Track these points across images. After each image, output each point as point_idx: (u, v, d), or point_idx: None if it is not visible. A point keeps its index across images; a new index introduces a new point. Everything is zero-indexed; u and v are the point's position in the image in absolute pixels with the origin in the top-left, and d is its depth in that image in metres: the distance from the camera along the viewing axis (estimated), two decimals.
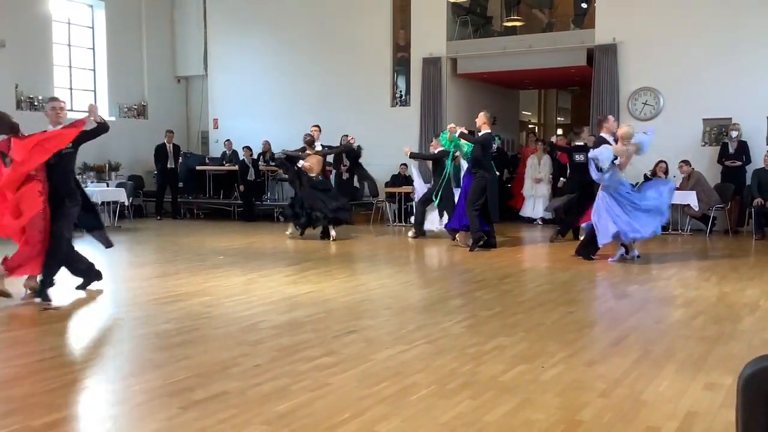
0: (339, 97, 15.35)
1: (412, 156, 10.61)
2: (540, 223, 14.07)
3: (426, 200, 11.63)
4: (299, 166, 11.40)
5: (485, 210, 9.95)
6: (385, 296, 7.03)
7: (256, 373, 4.19)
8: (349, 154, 12.77)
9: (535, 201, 14.23)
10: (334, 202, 11.26)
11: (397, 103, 15.26)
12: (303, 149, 11.58)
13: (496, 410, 3.58)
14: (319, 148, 11.71)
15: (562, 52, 13.95)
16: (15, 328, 5.42)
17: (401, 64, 15.19)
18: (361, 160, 12.78)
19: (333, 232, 11.30)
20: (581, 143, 10.98)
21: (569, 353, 4.66)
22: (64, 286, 7.49)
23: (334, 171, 14.26)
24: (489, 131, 10.09)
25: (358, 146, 12.25)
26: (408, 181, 14.23)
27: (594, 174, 8.68)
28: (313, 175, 11.38)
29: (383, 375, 4.17)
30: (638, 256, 9.07)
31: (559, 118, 22.63)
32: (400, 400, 3.74)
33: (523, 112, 20.05)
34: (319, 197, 11.18)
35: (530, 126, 20.71)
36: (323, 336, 5.13)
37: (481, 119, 10.17)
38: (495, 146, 10.51)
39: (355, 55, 15.24)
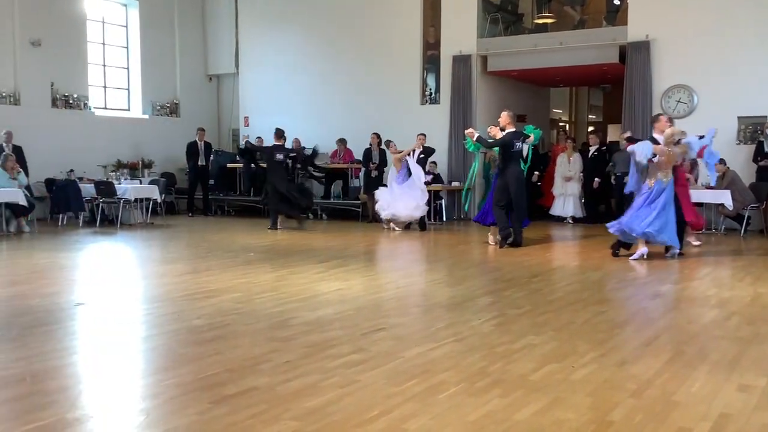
0: (369, 94, 15.37)
1: (479, 140, 10.43)
2: (570, 221, 13.95)
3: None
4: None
5: (510, 208, 9.96)
6: (414, 294, 7.04)
7: (285, 369, 4.22)
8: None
9: (565, 199, 14.11)
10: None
11: (426, 101, 15.24)
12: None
13: (526, 409, 3.56)
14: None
15: (594, 49, 13.80)
16: (49, 323, 5.53)
17: (431, 61, 15.16)
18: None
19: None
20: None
21: (600, 353, 4.62)
22: (98, 282, 7.63)
23: (363, 169, 14.30)
24: (513, 130, 10.08)
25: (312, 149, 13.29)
26: (438, 179, 14.22)
27: (630, 183, 8.92)
28: None
29: (412, 373, 4.17)
30: (680, 254, 9.05)
31: (590, 116, 22.40)
32: (428, 397, 3.74)
33: (554, 110, 19.89)
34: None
35: (561, 124, 20.53)
36: (352, 333, 5.15)
37: (504, 119, 10.18)
38: (530, 143, 10.45)
39: (385, 52, 15.25)
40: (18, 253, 9.78)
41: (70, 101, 14.65)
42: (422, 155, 12.60)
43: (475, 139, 10.30)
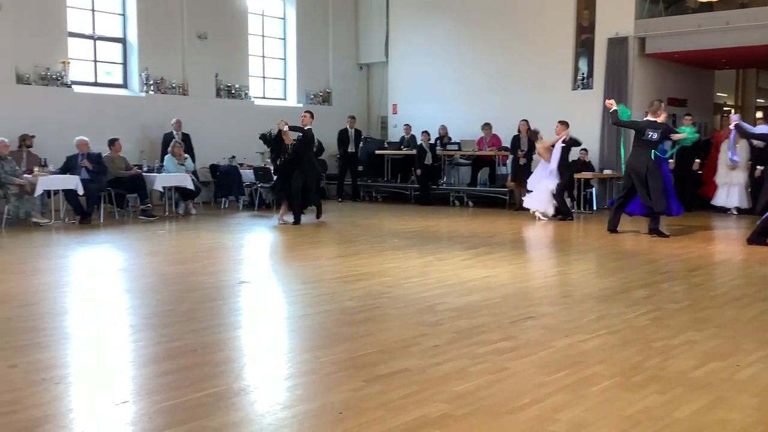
0: (518, 80, 15.13)
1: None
2: (735, 212, 13.08)
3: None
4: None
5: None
6: (564, 284, 6.90)
7: (435, 353, 4.29)
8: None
9: (730, 189, 13.22)
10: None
11: (578, 86, 14.77)
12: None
13: (686, 407, 3.41)
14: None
15: (764, 28, 12.78)
16: (215, 299, 5.92)
17: (584, 45, 14.66)
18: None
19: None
20: None
21: None
22: (258, 262, 8.05)
23: (511, 156, 14.12)
24: (651, 119, 10.00)
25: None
26: (588, 167, 13.78)
27: None
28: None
29: (563, 363, 4.11)
30: None
31: (758, 100, 20.81)
32: (581, 389, 3.67)
33: (718, 94, 18.64)
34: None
35: (725, 108, 19.23)
36: (500, 321, 5.14)
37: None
38: (683, 142, 10.15)
39: (536, 37, 14.94)
40: (186, 233, 10.52)
41: (232, 91, 15.49)
42: (564, 144, 12.17)
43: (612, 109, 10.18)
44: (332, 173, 16.67)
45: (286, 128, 11.18)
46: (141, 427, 3.22)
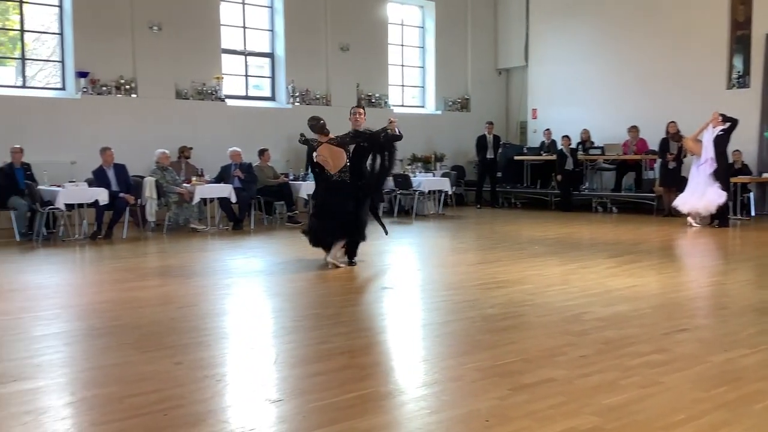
0: (666, 80, 14.47)
1: None
2: None
3: None
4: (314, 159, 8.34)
5: None
6: (720, 294, 6.53)
7: (582, 364, 4.19)
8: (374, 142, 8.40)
9: None
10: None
11: (734, 85, 13.92)
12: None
13: None
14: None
15: None
16: (359, 304, 6.09)
17: (740, 42, 13.80)
18: None
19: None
20: None
21: None
22: (399, 268, 8.18)
23: (659, 160, 13.51)
24: None
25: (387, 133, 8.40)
26: (745, 170, 12.94)
27: None
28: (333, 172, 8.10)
29: (721, 379, 3.90)
30: None
31: None
32: (741, 407, 3.47)
33: None
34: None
35: None
36: (651, 332, 4.94)
37: None
38: None
39: (685, 35, 14.23)
40: None
41: (373, 100, 15.84)
42: (721, 132, 11.49)
43: None
44: (471, 180, 16.67)
45: (396, 130, 8.40)
46: (295, 425, 3.37)
